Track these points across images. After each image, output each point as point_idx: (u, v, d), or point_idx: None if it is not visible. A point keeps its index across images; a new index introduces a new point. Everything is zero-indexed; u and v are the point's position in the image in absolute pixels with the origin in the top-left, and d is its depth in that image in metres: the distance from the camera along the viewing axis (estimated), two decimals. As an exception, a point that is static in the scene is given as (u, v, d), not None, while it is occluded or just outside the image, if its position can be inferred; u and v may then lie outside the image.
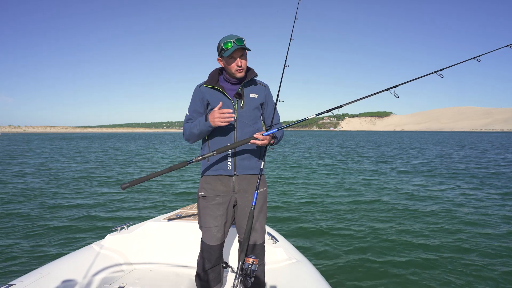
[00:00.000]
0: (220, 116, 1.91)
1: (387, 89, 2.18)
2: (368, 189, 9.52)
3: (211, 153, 1.96)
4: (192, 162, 1.94)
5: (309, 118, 2.12)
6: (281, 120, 2.31)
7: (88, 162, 17.39)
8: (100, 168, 14.72)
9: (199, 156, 1.99)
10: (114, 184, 10.22)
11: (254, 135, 1.98)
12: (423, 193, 8.80)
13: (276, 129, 2.08)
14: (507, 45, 2.37)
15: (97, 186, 9.91)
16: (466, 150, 27.51)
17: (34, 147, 30.92)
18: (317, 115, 2.12)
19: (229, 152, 2.06)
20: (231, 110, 1.93)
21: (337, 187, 9.90)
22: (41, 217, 6.26)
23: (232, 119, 1.93)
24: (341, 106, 2.13)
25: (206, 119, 1.98)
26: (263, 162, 2.14)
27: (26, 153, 23.15)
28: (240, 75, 2.07)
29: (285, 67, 2.49)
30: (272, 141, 2.09)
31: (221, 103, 1.97)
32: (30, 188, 9.42)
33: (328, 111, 2.12)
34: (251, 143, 1.97)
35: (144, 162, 18.01)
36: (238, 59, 2.02)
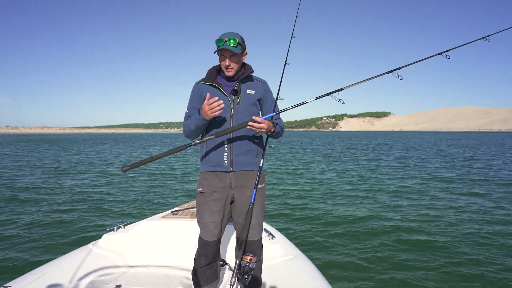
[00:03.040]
0: (209, 107, 1.91)
1: (390, 72, 2.18)
2: (365, 183, 9.49)
3: (210, 137, 1.96)
4: (191, 145, 1.96)
5: (308, 101, 2.11)
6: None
7: (84, 162, 17.37)
8: (95, 168, 14.69)
9: (197, 140, 2.00)
10: (109, 184, 10.19)
11: (252, 117, 1.97)
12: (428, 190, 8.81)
13: (275, 113, 2.10)
14: None
15: (92, 186, 9.88)
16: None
17: (36, 148, 30.86)
18: (316, 98, 2.12)
19: (226, 149, 2.06)
20: (217, 98, 1.92)
21: (334, 182, 9.86)
22: (37, 218, 6.21)
23: (222, 105, 1.92)
24: (341, 89, 2.12)
25: (200, 113, 2.00)
26: (262, 159, 2.13)
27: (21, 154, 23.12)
28: (228, 74, 2.07)
29: (286, 64, 2.49)
30: (272, 129, 2.08)
31: (208, 94, 1.95)
32: (24, 188, 9.39)
33: (327, 94, 2.11)
34: (249, 125, 1.95)
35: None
36: (227, 58, 2.01)
